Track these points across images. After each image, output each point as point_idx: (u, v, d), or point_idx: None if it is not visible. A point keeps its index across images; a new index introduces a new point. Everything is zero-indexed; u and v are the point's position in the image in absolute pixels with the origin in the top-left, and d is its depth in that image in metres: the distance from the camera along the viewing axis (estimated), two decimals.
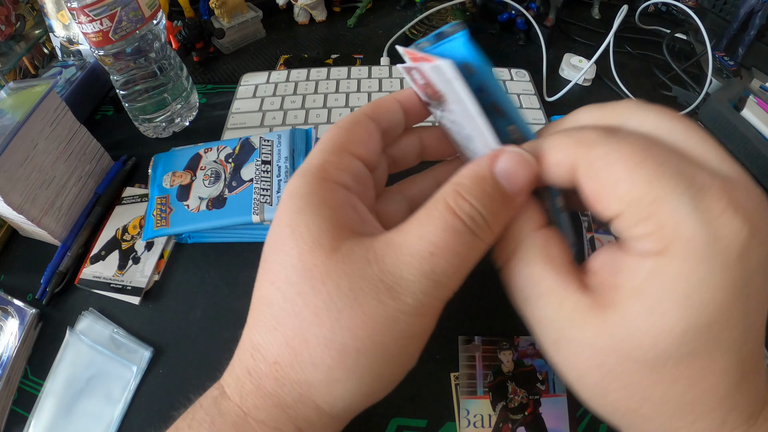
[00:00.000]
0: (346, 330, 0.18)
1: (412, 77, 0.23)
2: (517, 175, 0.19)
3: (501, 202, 0.19)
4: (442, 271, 0.18)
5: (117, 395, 0.31)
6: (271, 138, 0.39)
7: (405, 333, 0.19)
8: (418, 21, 0.58)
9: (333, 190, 0.20)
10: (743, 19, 0.53)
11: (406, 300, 0.18)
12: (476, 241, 0.19)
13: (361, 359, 0.18)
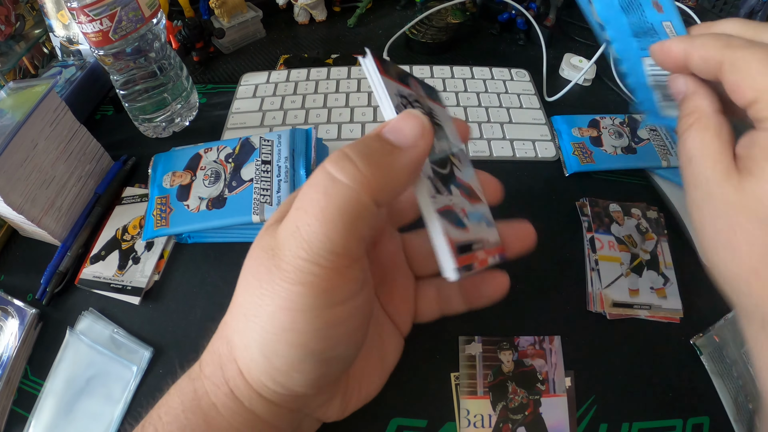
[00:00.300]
0: (250, 296, 0.20)
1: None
2: (401, 128, 0.20)
3: (376, 149, 0.19)
4: (306, 225, 0.18)
5: (117, 395, 0.31)
6: (271, 138, 0.39)
7: (288, 302, 0.18)
8: (418, 21, 0.58)
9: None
10: None
11: (282, 265, 0.19)
12: (339, 187, 0.18)
13: (258, 327, 0.19)
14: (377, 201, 0.19)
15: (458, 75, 0.53)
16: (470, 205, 0.24)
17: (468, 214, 0.23)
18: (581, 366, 0.32)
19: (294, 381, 0.20)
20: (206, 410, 0.21)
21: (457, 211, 0.22)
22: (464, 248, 0.21)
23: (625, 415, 0.30)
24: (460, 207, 0.22)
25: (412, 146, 0.20)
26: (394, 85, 0.22)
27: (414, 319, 0.28)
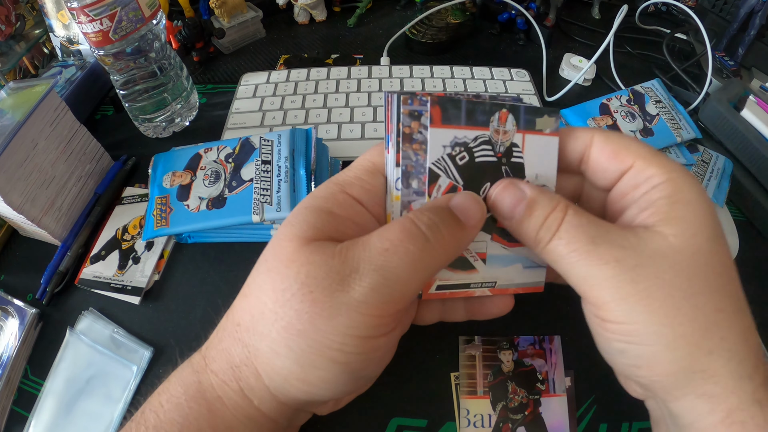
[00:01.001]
0: (293, 311, 0.20)
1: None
2: (469, 208, 0.22)
3: (454, 222, 0.21)
4: (394, 268, 0.20)
5: (117, 395, 0.32)
6: (271, 138, 0.39)
7: (346, 327, 0.20)
8: (418, 21, 0.58)
9: (345, 203, 0.23)
10: (743, 19, 0.53)
11: (352, 293, 0.19)
12: (428, 247, 0.20)
13: (301, 342, 0.20)
14: (443, 266, 0.22)
15: (458, 75, 0.53)
16: (502, 249, 0.24)
17: (489, 258, 0.24)
18: (581, 366, 0.32)
19: (320, 392, 0.21)
20: (211, 401, 0.22)
21: (466, 257, 0.24)
22: (448, 287, 0.24)
23: (625, 415, 0.30)
24: (475, 252, 0.24)
25: (473, 227, 0.22)
26: (452, 132, 0.22)
27: (413, 322, 0.28)
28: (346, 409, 0.30)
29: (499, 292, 0.25)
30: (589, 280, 0.20)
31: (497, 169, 0.23)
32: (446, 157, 0.22)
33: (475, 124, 0.22)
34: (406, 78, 0.52)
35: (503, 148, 0.23)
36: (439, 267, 0.22)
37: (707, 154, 0.43)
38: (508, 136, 0.23)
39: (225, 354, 0.22)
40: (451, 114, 0.22)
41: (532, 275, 0.25)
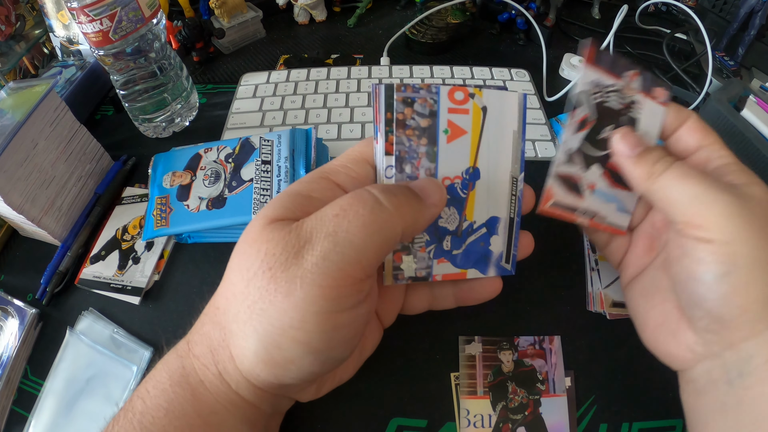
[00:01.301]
0: (255, 289, 0.20)
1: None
2: (427, 188, 0.23)
3: (412, 194, 0.22)
4: (344, 231, 0.20)
5: (117, 395, 0.32)
6: (271, 138, 0.39)
7: (303, 302, 0.19)
8: (418, 21, 0.58)
9: (326, 188, 0.23)
10: (743, 19, 0.53)
11: (305, 264, 0.19)
12: (381, 209, 0.21)
13: (264, 321, 0.20)
14: (403, 235, 0.22)
15: (458, 75, 0.53)
16: (607, 187, 0.28)
17: (596, 191, 0.27)
18: (581, 366, 0.32)
19: (288, 374, 0.21)
20: (194, 386, 0.22)
21: (580, 183, 0.27)
22: (561, 206, 0.27)
23: (625, 415, 0.30)
24: (588, 181, 0.27)
25: (433, 205, 0.23)
26: (596, 74, 0.26)
27: (401, 312, 0.29)
28: (346, 409, 0.30)
29: (595, 225, 0.28)
30: (699, 198, 0.22)
31: (619, 116, 0.27)
32: (587, 93, 0.26)
33: (614, 72, 0.27)
34: (406, 78, 0.52)
35: (628, 101, 0.27)
36: (395, 234, 0.21)
37: None
38: (633, 92, 0.27)
39: (206, 338, 0.23)
40: (601, 57, 0.26)
41: (620, 218, 0.28)
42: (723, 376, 0.22)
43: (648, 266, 0.28)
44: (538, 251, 0.36)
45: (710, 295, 0.22)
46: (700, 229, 0.22)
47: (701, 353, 0.24)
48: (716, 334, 0.23)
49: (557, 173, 0.27)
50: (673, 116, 0.27)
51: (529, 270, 0.36)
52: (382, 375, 0.31)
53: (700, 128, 0.27)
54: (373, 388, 0.31)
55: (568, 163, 0.27)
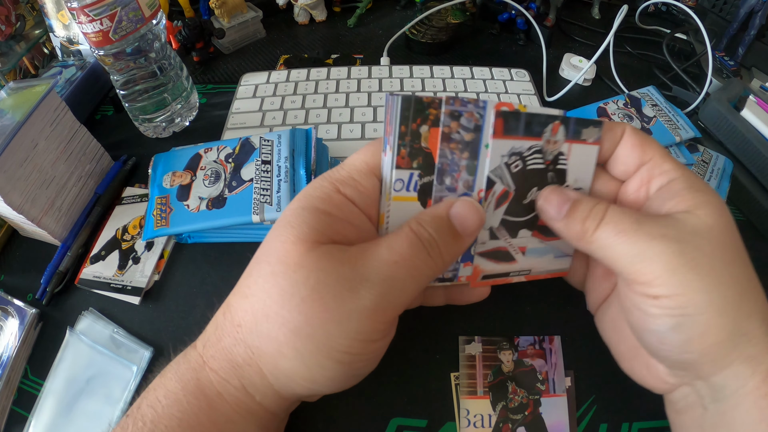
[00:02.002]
0: (302, 316, 0.21)
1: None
2: (467, 218, 0.23)
3: (452, 237, 0.23)
4: (401, 279, 0.22)
5: (117, 395, 0.32)
6: (271, 138, 0.39)
7: (355, 332, 0.21)
8: (418, 21, 0.58)
9: (341, 204, 0.23)
10: (743, 19, 0.53)
11: (363, 301, 0.21)
12: (430, 261, 0.22)
13: (309, 345, 0.21)
14: (438, 275, 0.24)
15: (458, 75, 0.53)
16: (540, 243, 0.27)
17: (527, 251, 0.27)
18: (581, 366, 0.32)
19: (322, 388, 0.23)
20: (210, 397, 0.22)
21: (508, 250, 0.27)
22: (491, 276, 0.27)
23: (625, 415, 0.30)
24: (518, 245, 0.27)
25: (469, 236, 0.24)
26: (510, 143, 0.24)
27: None
28: (346, 409, 0.30)
29: (531, 278, 0.28)
30: (638, 256, 0.21)
31: (544, 175, 0.25)
32: (503, 166, 0.24)
33: (530, 135, 0.24)
34: (406, 78, 0.52)
35: (551, 156, 0.25)
36: (435, 276, 0.23)
37: (707, 153, 0.43)
38: (557, 145, 0.25)
39: (226, 353, 0.23)
40: (511, 126, 0.24)
41: (560, 263, 0.29)
42: (698, 401, 0.23)
43: (611, 295, 0.28)
44: None
45: (667, 346, 0.22)
46: (645, 286, 0.21)
47: (674, 383, 0.24)
48: (683, 372, 0.23)
49: (482, 252, 0.26)
50: (607, 137, 0.25)
51: None
52: (382, 375, 0.31)
53: (637, 143, 0.24)
54: (373, 388, 0.31)
55: (492, 239, 0.26)
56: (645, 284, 0.21)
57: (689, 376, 0.23)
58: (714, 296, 0.20)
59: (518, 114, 0.23)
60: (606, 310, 0.28)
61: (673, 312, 0.21)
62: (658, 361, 0.24)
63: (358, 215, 0.24)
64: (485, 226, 0.25)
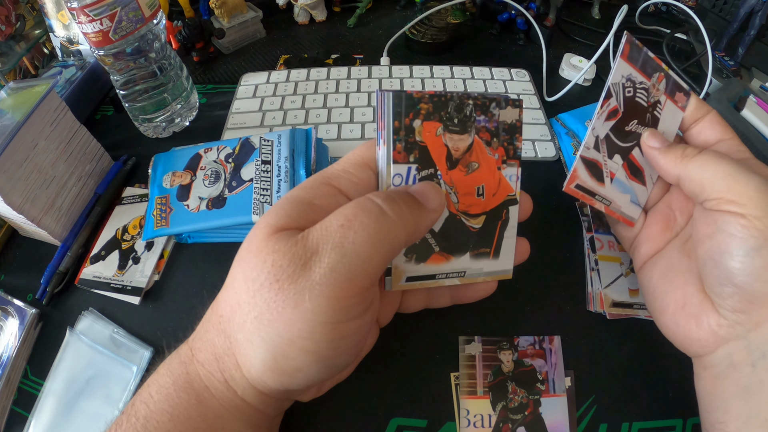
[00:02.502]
0: (263, 301, 0.20)
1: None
2: (428, 192, 0.23)
3: (413, 201, 0.22)
4: (350, 243, 0.20)
5: (117, 395, 0.32)
6: (271, 138, 0.39)
7: (312, 313, 0.19)
8: (418, 21, 0.58)
9: (327, 194, 0.23)
10: (743, 19, 0.53)
11: (313, 276, 0.19)
12: (385, 219, 0.21)
13: (272, 332, 0.20)
14: (406, 243, 0.22)
15: (458, 75, 0.53)
16: (625, 178, 0.30)
17: (615, 180, 0.29)
18: (581, 366, 0.32)
19: (295, 381, 0.21)
20: (199, 391, 0.22)
21: (602, 169, 0.29)
22: (583, 189, 0.28)
23: (625, 415, 0.30)
24: (610, 169, 0.29)
25: (432, 210, 0.23)
26: (630, 69, 0.28)
27: (398, 311, 0.29)
28: (346, 409, 0.30)
29: (609, 212, 0.30)
30: (733, 177, 0.24)
31: (644, 114, 0.29)
32: (620, 85, 0.28)
33: (644, 70, 0.29)
34: (406, 78, 0.52)
35: (653, 100, 0.29)
36: (399, 243, 0.22)
37: None
38: (658, 93, 0.29)
39: (210, 345, 0.23)
40: (634, 55, 0.28)
41: (632, 210, 0.31)
42: (746, 358, 0.23)
43: (664, 248, 0.29)
44: (538, 251, 0.36)
45: (742, 270, 0.22)
46: (734, 204, 0.23)
47: (724, 336, 0.24)
48: (744, 313, 0.23)
49: (583, 156, 0.28)
50: (694, 109, 0.29)
51: (529, 270, 0.36)
52: (382, 375, 0.31)
53: (719, 123, 0.28)
54: (373, 388, 0.31)
55: (595, 148, 0.28)
56: (735, 202, 0.23)
57: (747, 323, 0.23)
58: None
59: (640, 48, 0.28)
60: (655, 264, 0.29)
61: (757, 233, 0.22)
62: (724, 297, 0.24)
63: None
64: (594, 132, 0.28)
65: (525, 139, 0.46)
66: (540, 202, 0.41)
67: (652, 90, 0.29)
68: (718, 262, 0.24)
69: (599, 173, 0.29)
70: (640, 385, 0.31)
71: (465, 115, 0.25)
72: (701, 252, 0.25)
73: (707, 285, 0.25)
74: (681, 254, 0.28)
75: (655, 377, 0.31)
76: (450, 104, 0.24)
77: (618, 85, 0.28)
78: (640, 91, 0.29)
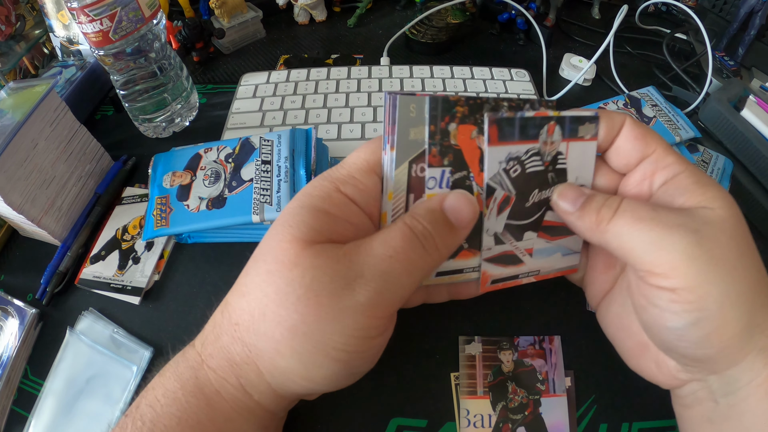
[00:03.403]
0: (298, 314, 0.20)
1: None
2: (461, 210, 0.23)
3: (447, 229, 0.23)
4: (397, 274, 0.21)
5: (117, 395, 0.32)
6: (271, 138, 0.39)
7: (351, 329, 0.21)
8: (418, 21, 0.58)
9: (341, 203, 0.23)
10: (743, 19, 0.53)
11: (359, 297, 0.20)
12: (425, 254, 0.22)
13: (306, 343, 0.21)
14: (436, 268, 0.24)
15: (458, 75, 0.53)
16: (546, 243, 0.27)
17: (535, 252, 0.27)
18: (581, 366, 0.32)
19: (320, 387, 0.23)
20: (209, 396, 0.22)
21: (516, 253, 0.26)
22: (501, 280, 0.27)
23: (625, 415, 0.30)
24: (524, 248, 0.27)
25: (464, 228, 0.24)
26: (506, 149, 0.24)
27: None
28: (346, 409, 0.30)
29: (541, 278, 0.28)
30: (656, 245, 0.21)
31: (544, 177, 0.25)
32: (502, 172, 0.24)
33: (526, 138, 0.24)
34: (406, 78, 0.52)
35: (550, 157, 0.25)
36: (432, 269, 0.23)
37: (707, 153, 0.43)
38: (554, 146, 0.25)
39: (224, 352, 0.23)
40: (506, 132, 0.23)
41: (568, 260, 0.28)
42: (708, 395, 0.23)
43: (614, 287, 0.27)
44: None
45: (683, 342, 0.22)
46: (662, 278, 0.21)
47: (684, 379, 0.24)
48: (696, 367, 0.23)
49: (488, 258, 0.26)
50: (606, 127, 0.24)
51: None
52: (382, 375, 0.31)
53: (638, 135, 0.24)
54: (373, 388, 0.31)
55: (498, 244, 0.26)
56: (662, 276, 0.21)
57: (703, 371, 0.23)
58: (730, 288, 0.20)
59: (512, 120, 0.23)
60: (609, 306, 0.27)
61: (692, 307, 0.20)
62: (672, 358, 0.24)
63: (358, 214, 0.23)
64: (489, 232, 0.25)
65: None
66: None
67: (545, 148, 0.25)
68: (656, 334, 0.23)
69: (514, 258, 0.27)
70: (640, 385, 0.31)
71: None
72: (640, 319, 0.24)
73: (655, 344, 0.24)
74: (628, 300, 0.26)
75: None
76: (485, 106, 0.24)
77: (497, 174, 0.24)
78: (531, 160, 0.25)
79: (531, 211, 0.26)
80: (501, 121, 0.23)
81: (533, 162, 0.25)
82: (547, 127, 0.24)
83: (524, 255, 0.27)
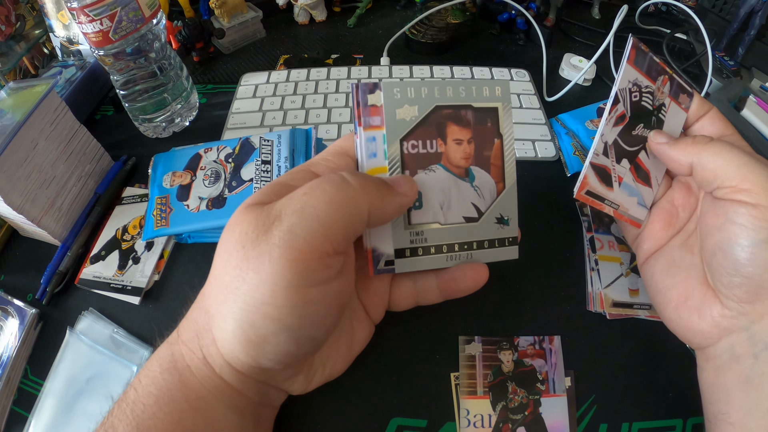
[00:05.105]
0: (232, 269, 0.20)
1: None
2: (399, 181, 0.24)
3: (380, 180, 0.23)
4: (311, 207, 0.20)
5: (117, 395, 0.31)
6: (271, 138, 0.39)
7: (272, 276, 0.20)
8: (418, 21, 0.58)
9: (304, 177, 0.24)
10: (743, 19, 0.53)
11: (272, 239, 0.20)
12: (347, 186, 0.21)
13: (239, 300, 0.20)
14: (369, 216, 0.22)
15: (458, 75, 0.53)
16: (632, 181, 0.30)
17: (623, 184, 0.30)
18: (581, 366, 0.32)
19: (263, 354, 0.21)
20: (181, 371, 0.22)
21: (611, 174, 0.29)
22: (593, 195, 0.29)
23: (625, 415, 0.30)
24: (618, 174, 0.29)
25: (402, 194, 0.24)
26: (635, 74, 0.29)
27: (388, 308, 0.29)
28: (345, 409, 0.30)
29: (618, 215, 0.30)
30: (746, 166, 0.24)
31: (650, 117, 0.30)
32: (627, 90, 0.29)
33: (650, 75, 0.29)
34: (406, 78, 0.52)
35: (658, 103, 0.30)
36: (361, 211, 0.22)
37: None
38: (663, 96, 0.30)
39: (192, 323, 0.23)
40: (639, 59, 0.29)
41: (639, 212, 0.31)
42: (749, 349, 0.23)
43: (667, 244, 0.29)
44: (538, 251, 0.36)
45: (752, 261, 0.23)
46: (747, 194, 0.23)
47: (726, 327, 0.24)
48: (750, 303, 0.23)
49: (593, 163, 0.28)
50: (697, 107, 0.30)
51: (529, 270, 0.36)
52: (382, 375, 0.31)
53: (720, 119, 0.29)
54: (373, 388, 0.31)
55: (603, 154, 0.29)
56: (747, 191, 0.23)
57: (751, 314, 0.23)
58: None
59: (645, 52, 0.29)
60: (657, 260, 0.30)
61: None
62: (731, 288, 0.24)
63: None
64: (603, 138, 0.28)
65: (525, 139, 0.46)
66: (540, 202, 0.41)
67: (657, 93, 0.30)
68: (727, 252, 0.24)
69: (608, 178, 0.29)
70: (640, 385, 0.31)
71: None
72: (710, 243, 0.25)
73: (714, 276, 0.25)
74: (683, 250, 0.28)
75: (655, 377, 0.31)
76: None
77: (625, 90, 0.28)
78: (646, 95, 0.29)
79: (633, 141, 0.30)
80: (638, 49, 0.28)
81: (647, 98, 0.29)
82: (663, 77, 0.30)
83: (615, 180, 0.29)
